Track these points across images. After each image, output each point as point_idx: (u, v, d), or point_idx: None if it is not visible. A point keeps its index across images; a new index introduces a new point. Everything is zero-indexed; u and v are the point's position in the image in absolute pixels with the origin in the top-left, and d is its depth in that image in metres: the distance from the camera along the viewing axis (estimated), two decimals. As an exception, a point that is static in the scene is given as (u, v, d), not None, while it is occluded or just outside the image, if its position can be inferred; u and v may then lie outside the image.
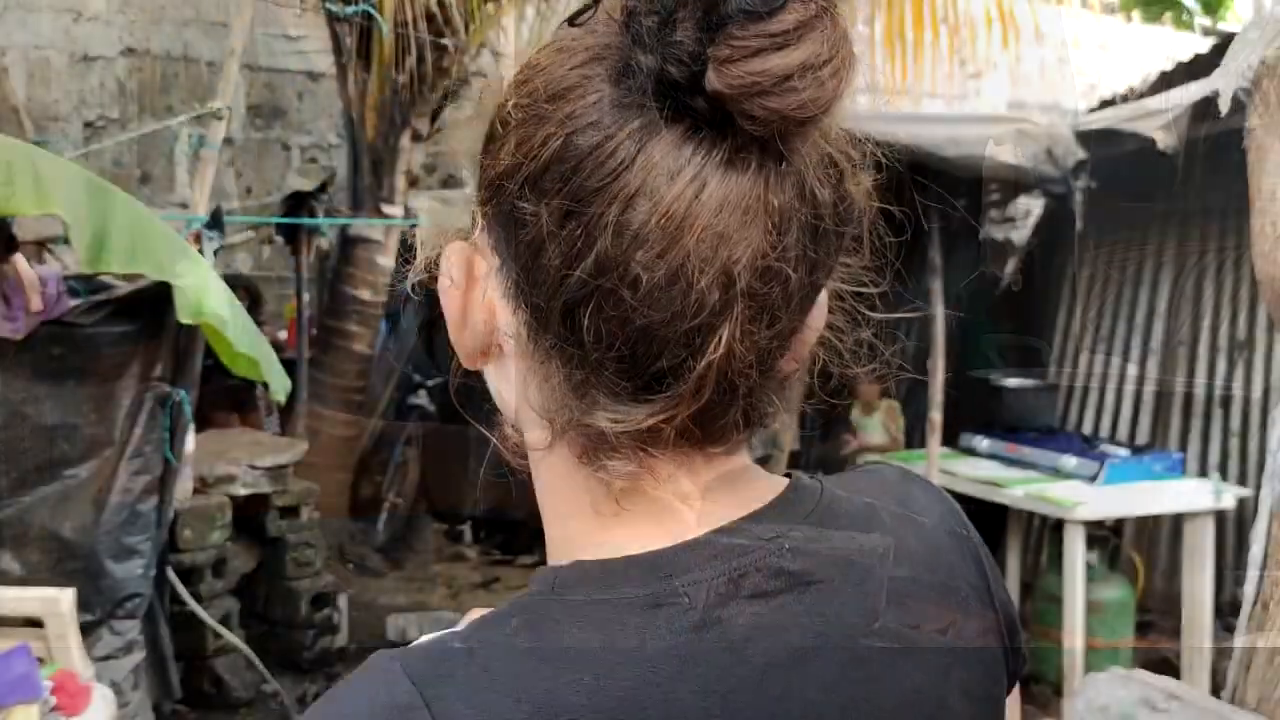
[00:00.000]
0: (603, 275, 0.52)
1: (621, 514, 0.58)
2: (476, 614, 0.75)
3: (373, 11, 4.39)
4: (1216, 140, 2.20)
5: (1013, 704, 0.70)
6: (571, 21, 0.57)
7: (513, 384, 0.61)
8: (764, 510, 0.60)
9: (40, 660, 2.76)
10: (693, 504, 0.58)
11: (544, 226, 0.53)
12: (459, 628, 0.71)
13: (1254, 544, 1.91)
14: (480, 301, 0.60)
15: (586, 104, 0.53)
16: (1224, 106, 1.94)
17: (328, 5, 4.97)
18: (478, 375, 0.65)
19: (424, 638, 0.60)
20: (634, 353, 0.54)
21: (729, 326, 0.53)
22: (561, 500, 0.61)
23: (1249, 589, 1.91)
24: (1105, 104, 5.45)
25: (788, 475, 0.64)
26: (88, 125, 7.49)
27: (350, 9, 4.69)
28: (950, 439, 5.34)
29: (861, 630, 0.60)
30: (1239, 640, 1.89)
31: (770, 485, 0.62)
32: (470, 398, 0.75)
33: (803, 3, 0.51)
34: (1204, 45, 3.46)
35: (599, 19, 0.56)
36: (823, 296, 0.61)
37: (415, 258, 0.65)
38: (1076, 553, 4.31)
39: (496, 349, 0.61)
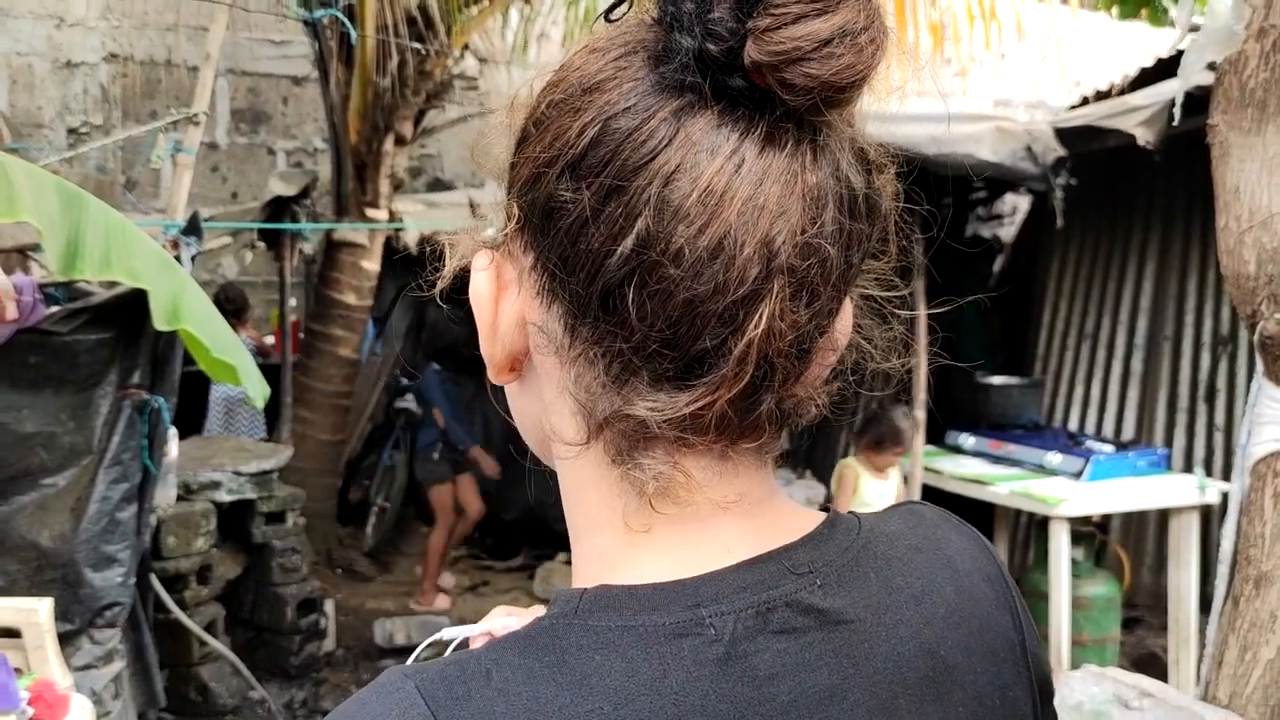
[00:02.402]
0: (645, 251, 0.53)
1: (652, 532, 0.57)
2: (502, 611, 0.74)
3: (339, 15, 4.38)
4: (1196, 135, 2.20)
5: None
6: (607, 16, 0.58)
7: (540, 395, 0.60)
8: (799, 543, 0.59)
9: (18, 670, 2.74)
10: (718, 523, 0.57)
11: (585, 209, 0.54)
12: (478, 628, 0.70)
13: (1224, 539, 1.91)
14: (510, 308, 0.59)
15: (622, 91, 0.54)
16: (1177, 115, 1.96)
17: (298, 10, 4.96)
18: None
19: (445, 645, 0.59)
20: (675, 332, 0.53)
21: (769, 303, 0.53)
22: (590, 512, 0.60)
23: (1220, 585, 1.91)
24: (1086, 100, 5.46)
25: (824, 510, 0.63)
26: (71, 132, 7.48)
27: (319, 12, 4.67)
28: (936, 437, 5.35)
29: (890, 677, 0.58)
30: (1211, 635, 1.89)
31: (807, 518, 0.61)
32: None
33: None
34: (1185, 41, 3.45)
35: (629, 20, 0.58)
36: (847, 303, 0.60)
37: (443, 266, 0.65)
38: (1062, 549, 4.32)
39: (522, 361, 0.60)
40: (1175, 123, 1.92)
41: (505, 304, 0.60)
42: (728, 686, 0.53)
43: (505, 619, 0.76)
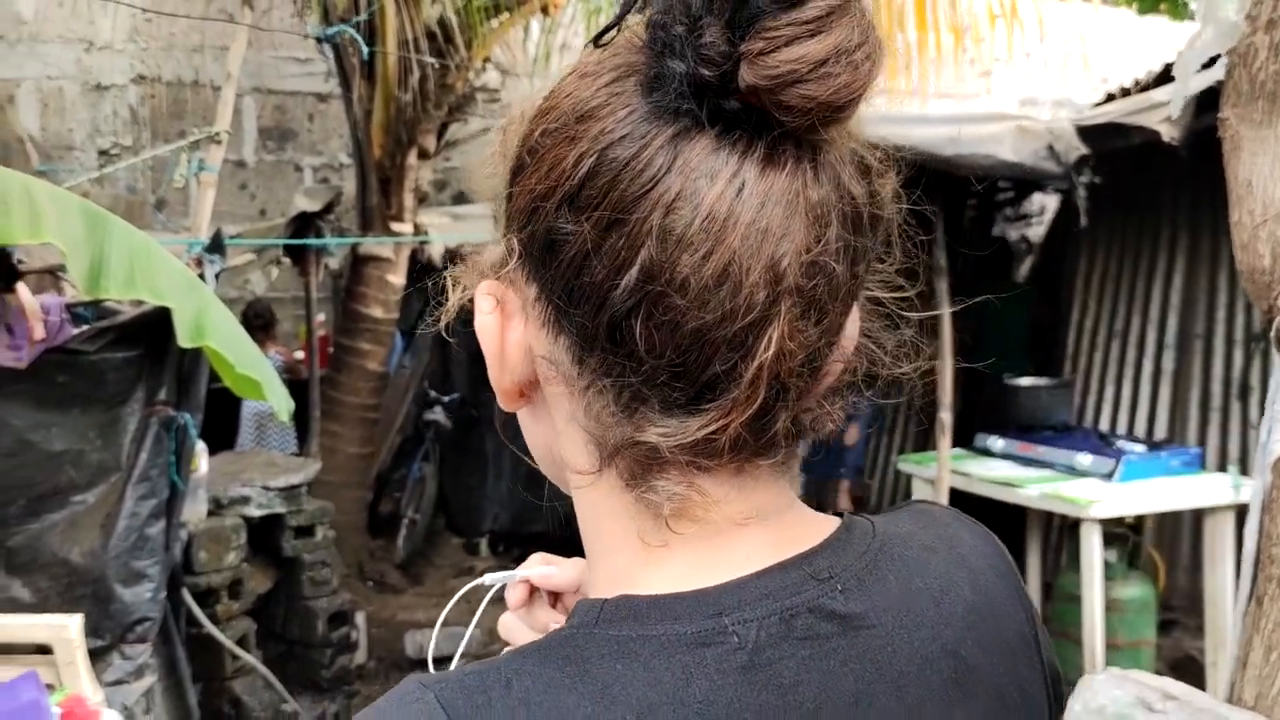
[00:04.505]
0: (650, 282, 0.52)
1: (670, 546, 0.57)
2: (539, 558, 0.75)
3: (353, 32, 4.43)
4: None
5: None
6: (596, 42, 0.58)
7: (551, 422, 0.60)
8: (818, 549, 0.59)
9: (50, 686, 2.78)
10: (738, 535, 0.57)
11: (586, 241, 0.53)
12: (517, 574, 0.73)
13: (1247, 539, 1.88)
14: (516, 337, 0.59)
15: (617, 119, 0.54)
16: (1175, 111, 1.94)
17: (316, 28, 5.02)
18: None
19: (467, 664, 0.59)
20: (685, 361, 0.53)
21: (778, 325, 0.53)
22: (607, 534, 0.60)
23: (1243, 585, 1.88)
24: (1111, 97, 5.40)
25: (839, 515, 0.63)
26: (102, 153, 7.59)
27: (331, 29, 4.73)
28: (964, 439, 5.30)
29: (914, 680, 0.58)
30: (1235, 636, 1.86)
31: (823, 524, 0.61)
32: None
33: None
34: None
35: (619, 43, 0.57)
36: (854, 310, 0.60)
37: (447, 299, 0.64)
38: (1093, 551, 4.26)
39: (533, 388, 0.60)
40: (1174, 117, 1.91)
41: (511, 334, 0.59)
42: (752, 695, 0.53)
43: (544, 567, 0.77)
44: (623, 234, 0.52)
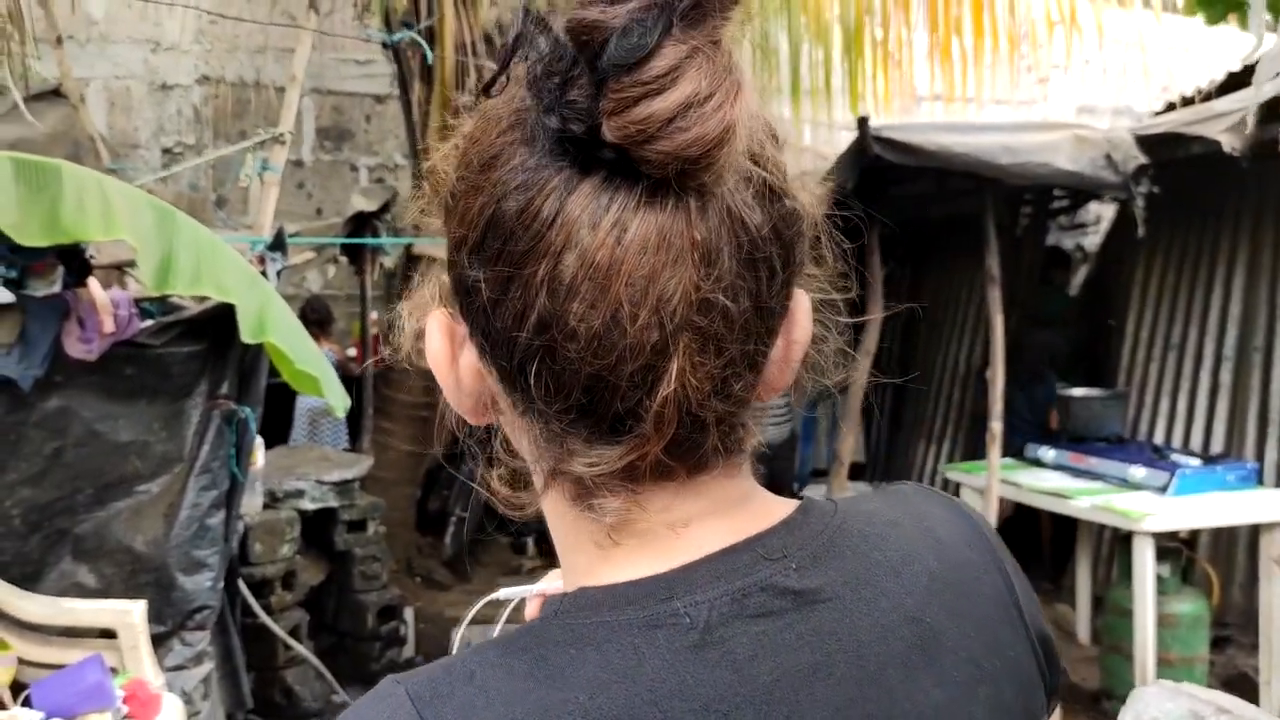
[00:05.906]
0: (544, 332, 0.54)
1: (623, 545, 0.59)
2: (557, 574, 0.77)
3: (417, 38, 4.50)
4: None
5: None
6: (485, 92, 0.59)
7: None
8: (771, 530, 0.60)
9: (113, 670, 2.86)
10: (687, 531, 0.59)
11: (492, 291, 0.55)
12: (534, 588, 0.77)
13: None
14: (468, 362, 0.61)
15: (510, 168, 0.55)
16: (1250, 121, 1.92)
17: (380, 33, 5.10)
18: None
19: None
20: (590, 401, 0.55)
21: (677, 361, 0.54)
22: (566, 536, 0.63)
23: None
24: (1172, 106, 5.34)
25: (800, 498, 0.65)
26: (166, 151, 7.76)
27: (397, 35, 4.81)
28: (1015, 449, 5.26)
29: (875, 649, 0.59)
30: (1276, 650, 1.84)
31: (780, 507, 0.63)
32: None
33: (675, 44, 0.51)
34: (1261, 48, 3.34)
35: (519, 84, 0.57)
36: (807, 306, 0.62)
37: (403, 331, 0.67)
38: (1146, 565, 4.21)
39: (494, 404, 0.62)
40: (1249, 130, 1.89)
41: (463, 360, 0.61)
42: (706, 671, 0.55)
43: (559, 581, 0.80)
44: (518, 286, 0.54)
